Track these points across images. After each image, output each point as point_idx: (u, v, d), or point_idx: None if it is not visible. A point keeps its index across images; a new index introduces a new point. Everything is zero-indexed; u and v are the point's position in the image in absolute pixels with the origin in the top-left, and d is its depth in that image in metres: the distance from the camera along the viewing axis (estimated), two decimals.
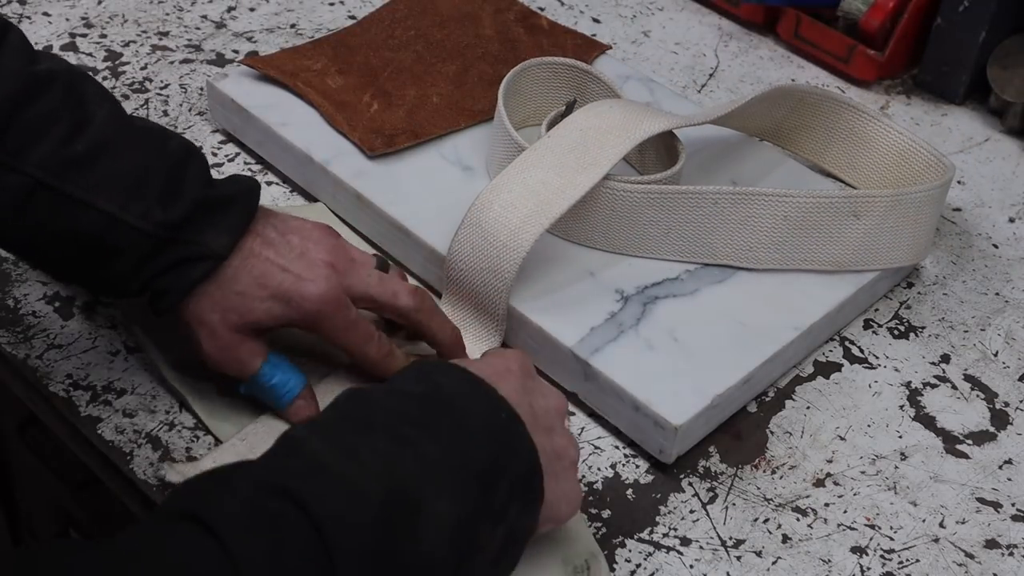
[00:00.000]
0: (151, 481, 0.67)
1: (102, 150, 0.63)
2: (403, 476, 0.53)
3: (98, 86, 0.66)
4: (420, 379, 0.58)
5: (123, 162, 0.64)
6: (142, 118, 0.67)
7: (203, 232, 0.64)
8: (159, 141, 0.66)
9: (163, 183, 0.64)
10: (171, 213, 0.63)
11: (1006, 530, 0.70)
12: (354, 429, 0.55)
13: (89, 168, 0.63)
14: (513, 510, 0.56)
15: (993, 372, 0.80)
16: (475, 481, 0.54)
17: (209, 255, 0.64)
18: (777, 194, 0.77)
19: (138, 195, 0.63)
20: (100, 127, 0.64)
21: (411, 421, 0.55)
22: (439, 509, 0.53)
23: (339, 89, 0.88)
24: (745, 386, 0.73)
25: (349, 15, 1.03)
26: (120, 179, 0.63)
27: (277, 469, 0.52)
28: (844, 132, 0.87)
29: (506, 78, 0.84)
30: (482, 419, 0.57)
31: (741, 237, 0.78)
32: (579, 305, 0.75)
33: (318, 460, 0.52)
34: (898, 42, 1.01)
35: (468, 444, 0.55)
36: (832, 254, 0.79)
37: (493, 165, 0.82)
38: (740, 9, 1.08)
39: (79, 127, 0.63)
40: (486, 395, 0.58)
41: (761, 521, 0.69)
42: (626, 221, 0.77)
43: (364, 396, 0.57)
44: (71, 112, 0.63)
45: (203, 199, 0.65)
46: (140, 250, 0.64)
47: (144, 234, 0.63)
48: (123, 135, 0.64)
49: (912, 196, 0.79)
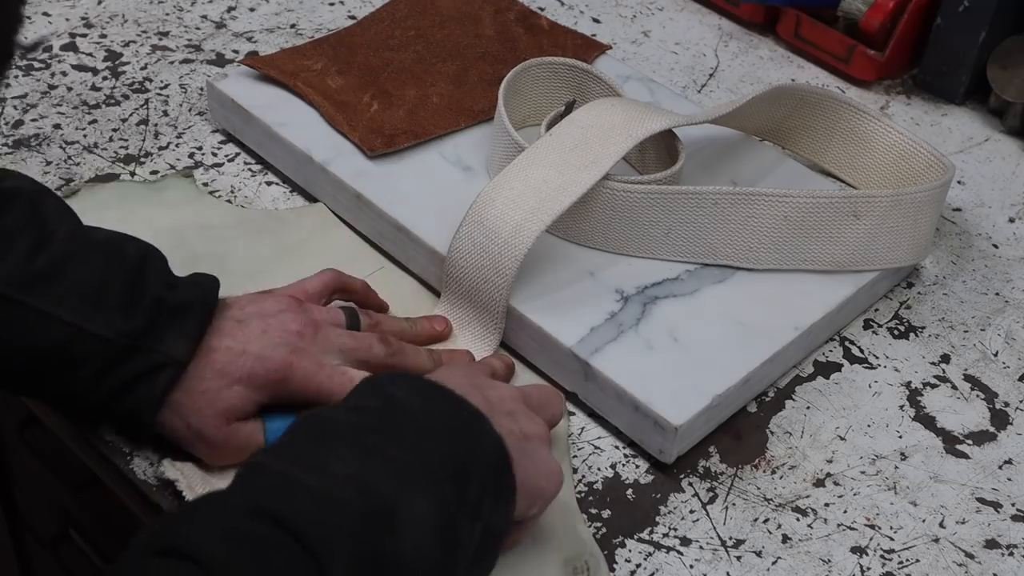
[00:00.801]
0: (151, 481, 0.67)
1: (64, 264, 0.64)
2: (374, 483, 0.52)
3: (59, 201, 0.67)
4: (374, 393, 0.58)
5: (84, 273, 0.64)
6: (101, 228, 0.68)
7: (162, 340, 0.64)
8: (117, 248, 0.66)
9: (123, 291, 0.64)
10: (131, 321, 0.63)
11: (1006, 530, 0.70)
12: (317, 444, 0.54)
13: (52, 281, 0.63)
14: (487, 503, 0.56)
15: (993, 372, 0.80)
16: (447, 479, 0.54)
17: (169, 363, 0.64)
18: (777, 194, 0.77)
19: (100, 305, 0.63)
20: (62, 242, 0.64)
21: (373, 430, 0.55)
22: (416, 511, 0.52)
23: (339, 89, 0.88)
24: (745, 386, 0.73)
25: (349, 15, 1.03)
26: (82, 290, 0.64)
27: (248, 491, 0.52)
28: (844, 132, 0.87)
29: (506, 78, 0.84)
30: (443, 419, 0.57)
31: (741, 237, 0.78)
32: (579, 305, 0.75)
33: (288, 477, 0.52)
34: (898, 42, 1.01)
35: (433, 445, 0.55)
36: (832, 254, 0.79)
37: (493, 165, 0.82)
38: (740, 9, 1.08)
39: (41, 243, 0.64)
40: (443, 396, 0.58)
41: (761, 521, 0.69)
42: (626, 221, 0.77)
43: (321, 415, 0.57)
44: (33, 230, 0.64)
45: (161, 304, 0.65)
46: (103, 359, 0.63)
47: (106, 343, 0.63)
48: (84, 248, 0.65)
49: (912, 196, 0.79)
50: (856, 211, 0.78)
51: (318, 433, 0.56)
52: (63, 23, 1.00)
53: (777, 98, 0.85)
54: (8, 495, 1.14)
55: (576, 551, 0.66)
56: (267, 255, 0.80)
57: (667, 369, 0.72)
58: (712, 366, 0.72)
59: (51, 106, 0.91)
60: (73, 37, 0.98)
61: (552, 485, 0.62)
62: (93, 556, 1.01)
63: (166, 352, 0.64)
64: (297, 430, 0.57)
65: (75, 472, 0.87)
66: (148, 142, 0.89)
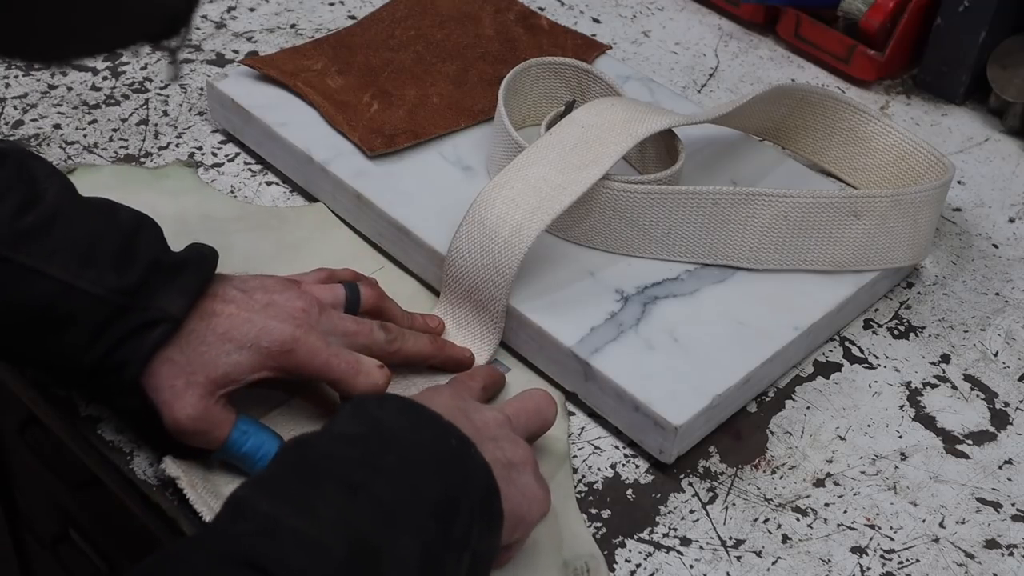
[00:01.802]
0: (151, 481, 0.67)
1: (53, 221, 0.62)
2: (360, 524, 0.52)
3: (48, 165, 0.66)
4: (359, 417, 0.57)
5: (75, 231, 0.63)
6: (93, 197, 0.67)
7: (158, 296, 0.63)
8: (110, 212, 0.65)
9: (116, 250, 0.63)
10: (125, 278, 0.62)
11: (1006, 530, 0.70)
12: (302, 481, 0.53)
13: (41, 238, 0.62)
14: (475, 534, 0.55)
15: (993, 372, 0.80)
16: (433, 515, 0.53)
17: (165, 318, 0.62)
18: (777, 194, 0.77)
19: (91, 262, 0.62)
20: (51, 201, 0.63)
21: (359, 464, 0.54)
22: (401, 552, 0.52)
23: (339, 89, 0.88)
24: (745, 386, 0.73)
25: (349, 15, 1.03)
26: (73, 247, 0.62)
27: (231, 536, 0.51)
28: (844, 132, 0.87)
29: (506, 78, 0.84)
30: (430, 449, 0.56)
31: (741, 237, 0.78)
32: (579, 305, 0.75)
33: (271, 520, 0.51)
34: (898, 42, 1.01)
35: (420, 479, 0.54)
36: (832, 254, 0.79)
37: (493, 165, 0.82)
38: (740, 9, 1.08)
39: (30, 201, 0.63)
40: (430, 422, 0.57)
41: (761, 521, 0.69)
42: (626, 221, 0.77)
43: (306, 445, 0.56)
44: (22, 187, 0.63)
45: (157, 263, 0.63)
46: (94, 318, 0.62)
47: (98, 300, 0.61)
48: (74, 207, 0.64)
49: (912, 196, 0.79)
50: (856, 211, 0.78)
51: (304, 467, 0.54)
52: None
53: (777, 98, 0.85)
54: (8, 495, 1.14)
55: (576, 552, 0.66)
56: (268, 251, 0.80)
57: (667, 369, 0.72)
58: (712, 366, 0.72)
59: (51, 106, 0.91)
60: None
61: (536, 512, 0.61)
62: (93, 556, 1.01)
63: (163, 307, 0.62)
64: (283, 461, 0.55)
65: (75, 472, 0.87)
66: (148, 142, 0.89)
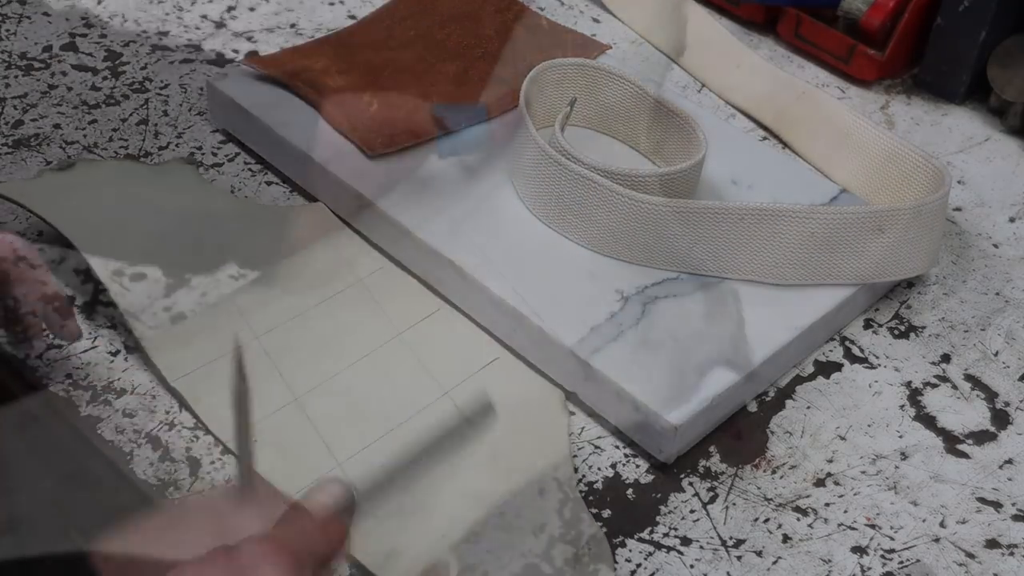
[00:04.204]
0: (151, 481, 0.67)
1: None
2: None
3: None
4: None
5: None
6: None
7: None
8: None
9: None
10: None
11: (1007, 530, 0.70)
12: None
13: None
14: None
15: (993, 372, 0.80)
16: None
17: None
18: (803, 211, 0.76)
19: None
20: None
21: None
22: None
23: (339, 89, 0.88)
24: (745, 386, 0.73)
25: (349, 15, 1.03)
26: None
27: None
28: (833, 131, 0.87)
29: (523, 87, 0.82)
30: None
31: (767, 254, 0.77)
32: (579, 305, 0.75)
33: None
34: (898, 42, 1.00)
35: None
36: (856, 269, 0.78)
37: (518, 174, 0.82)
38: (740, 9, 1.08)
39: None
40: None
41: (761, 521, 0.69)
42: (651, 234, 0.77)
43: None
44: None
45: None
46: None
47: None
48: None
49: (931, 206, 0.79)
50: (881, 225, 0.77)
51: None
52: (63, 23, 1.00)
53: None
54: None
55: (579, 533, 0.66)
56: (268, 250, 0.80)
57: (667, 369, 0.72)
58: (712, 366, 0.72)
59: (51, 106, 0.91)
60: (73, 37, 0.98)
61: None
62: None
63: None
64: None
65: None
66: (148, 142, 0.89)
